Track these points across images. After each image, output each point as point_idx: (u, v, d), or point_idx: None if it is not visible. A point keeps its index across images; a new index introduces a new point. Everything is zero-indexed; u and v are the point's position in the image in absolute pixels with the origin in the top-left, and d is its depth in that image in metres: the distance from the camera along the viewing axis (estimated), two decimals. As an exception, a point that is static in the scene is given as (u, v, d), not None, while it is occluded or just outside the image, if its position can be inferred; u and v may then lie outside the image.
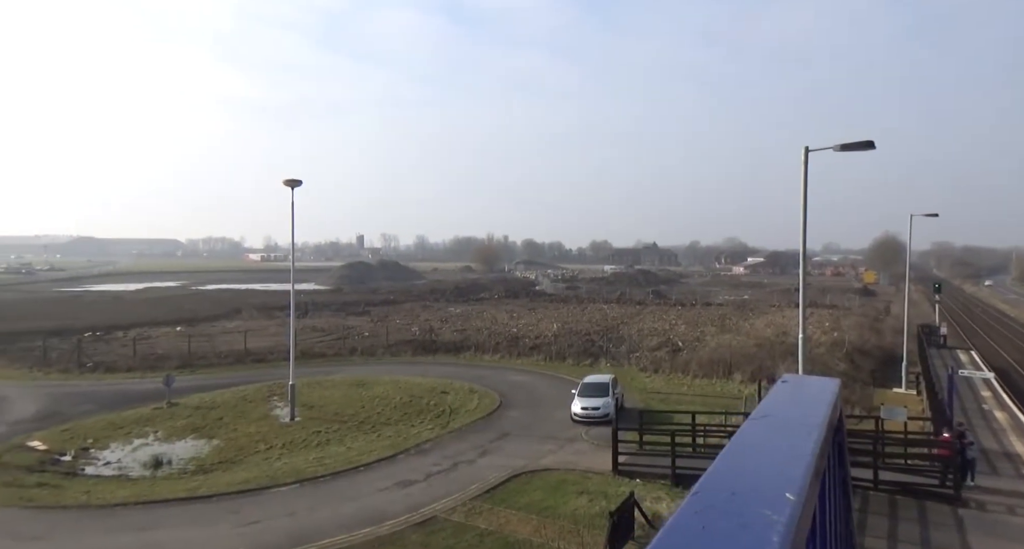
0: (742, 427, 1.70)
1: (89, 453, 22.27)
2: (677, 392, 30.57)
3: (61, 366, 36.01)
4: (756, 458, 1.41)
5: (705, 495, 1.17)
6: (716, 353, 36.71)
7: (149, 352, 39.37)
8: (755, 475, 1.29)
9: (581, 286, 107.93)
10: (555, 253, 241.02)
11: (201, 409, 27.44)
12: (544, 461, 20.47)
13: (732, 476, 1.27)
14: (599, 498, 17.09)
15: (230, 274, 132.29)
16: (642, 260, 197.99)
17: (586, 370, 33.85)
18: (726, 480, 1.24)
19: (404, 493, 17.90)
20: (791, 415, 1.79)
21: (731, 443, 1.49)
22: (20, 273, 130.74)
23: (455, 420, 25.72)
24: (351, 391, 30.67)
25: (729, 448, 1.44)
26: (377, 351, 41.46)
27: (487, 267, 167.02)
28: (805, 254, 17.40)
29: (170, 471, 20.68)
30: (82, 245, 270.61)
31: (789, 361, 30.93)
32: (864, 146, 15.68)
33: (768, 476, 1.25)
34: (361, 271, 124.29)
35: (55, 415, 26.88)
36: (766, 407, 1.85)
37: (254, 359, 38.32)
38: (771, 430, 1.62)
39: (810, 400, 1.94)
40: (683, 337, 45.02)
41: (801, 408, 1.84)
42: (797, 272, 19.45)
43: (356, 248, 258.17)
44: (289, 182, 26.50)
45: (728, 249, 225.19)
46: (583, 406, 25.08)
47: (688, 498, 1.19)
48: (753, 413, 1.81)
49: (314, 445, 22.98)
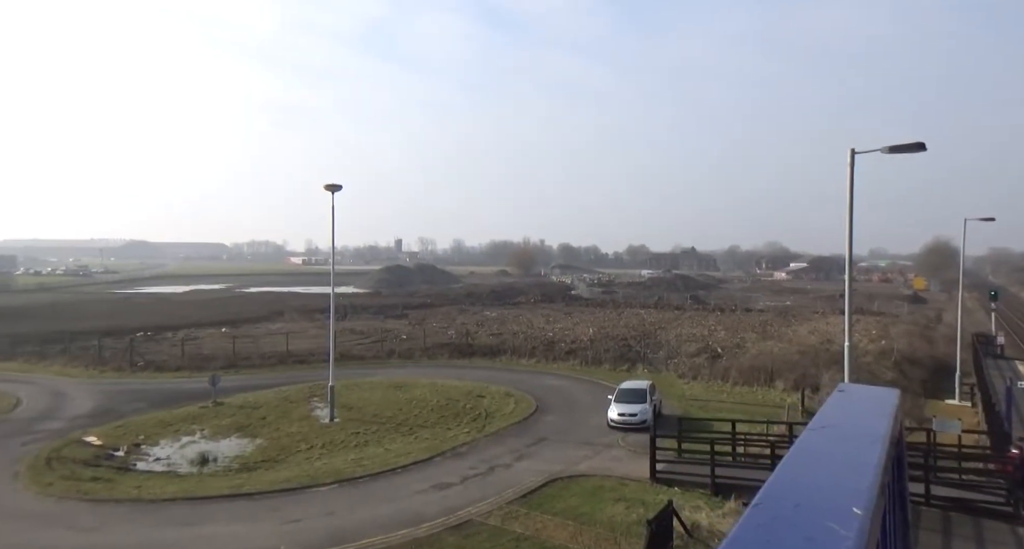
0: (801, 437, 1.66)
1: (140, 449, 23.10)
2: (716, 399, 29.98)
3: (115, 365, 37.49)
4: (818, 469, 1.37)
5: (767, 507, 1.15)
6: (757, 360, 35.89)
7: (196, 352, 40.64)
8: (819, 487, 1.25)
9: (618, 291, 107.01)
10: (591, 257, 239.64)
11: (245, 408, 28.18)
12: (580, 467, 20.33)
13: (794, 488, 1.24)
14: (636, 505, 16.88)
15: (272, 277, 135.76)
16: (680, 265, 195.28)
17: (623, 376, 33.50)
18: (788, 492, 1.21)
19: (441, 496, 18.01)
20: (852, 426, 1.74)
21: (791, 453, 1.46)
22: (78, 275, 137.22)
23: (491, 424, 25.77)
24: (389, 393, 31.05)
25: (789, 459, 1.41)
26: (414, 354, 41.88)
27: (523, 271, 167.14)
28: (851, 259, 16.90)
29: (216, 468, 21.29)
30: (134, 248, 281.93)
31: (834, 369, 30.01)
32: (914, 148, 15.16)
33: (833, 489, 1.22)
34: (399, 275, 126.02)
35: (109, 412, 28.00)
36: (825, 417, 1.80)
37: (295, 360, 39.17)
38: (832, 441, 1.57)
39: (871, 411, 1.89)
40: (722, 343, 44.16)
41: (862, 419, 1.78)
42: (842, 278, 18.89)
43: (394, 252, 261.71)
44: (330, 187, 27.06)
45: (769, 254, 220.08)
46: (620, 412, 24.82)
47: (749, 510, 1.17)
48: (811, 423, 1.77)
49: (353, 446, 23.33)
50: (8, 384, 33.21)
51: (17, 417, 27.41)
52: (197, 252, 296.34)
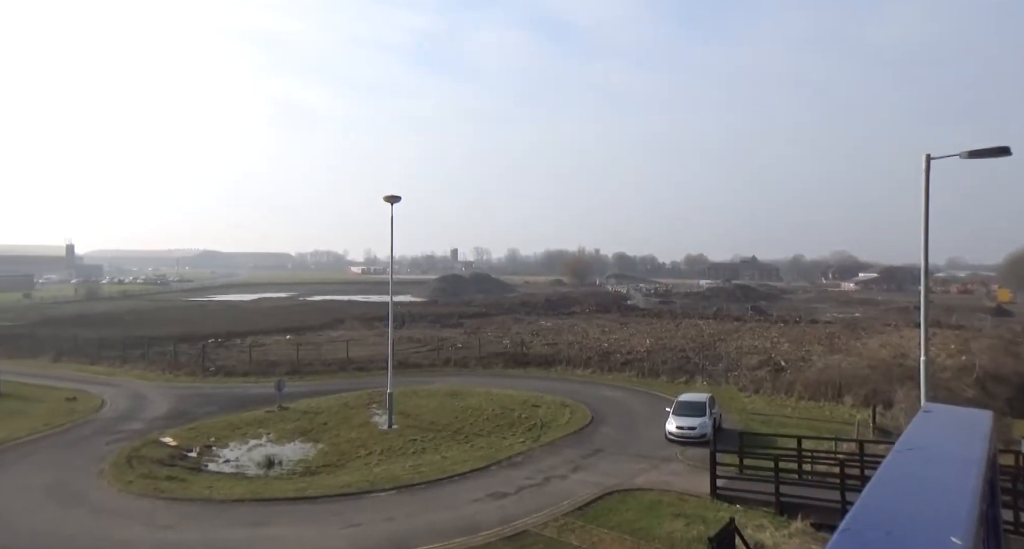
0: (888, 459, 1.60)
1: (211, 451, 24.21)
2: (780, 414, 28.90)
3: (188, 369, 39.51)
4: (910, 494, 1.32)
5: (858, 534, 1.12)
6: (824, 374, 34.39)
7: (263, 358, 42.31)
8: (912, 514, 1.21)
9: (675, 301, 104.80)
10: (647, 267, 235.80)
11: (308, 414, 29.11)
12: (638, 480, 19.98)
13: (886, 513, 1.21)
14: (696, 522, 16.44)
15: (333, 286, 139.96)
16: (740, 275, 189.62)
17: (681, 388, 32.78)
18: (879, 518, 1.18)
19: (497, 505, 18.05)
20: (943, 448, 1.66)
21: (878, 476, 1.42)
22: (156, 284, 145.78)
23: (546, 434, 25.68)
24: (445, 401, 31.42)
25: (877, 482, 1.37)
26: (470, 363, 42.27)
27: (578, 280, 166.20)
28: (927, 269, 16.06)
29: (280, 471, 22.07)
30: (207, 259, 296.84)
31: (908, 385, 28.38)
32: (997, 152, 14.31)
33: (928, 516, 1.18)
34: (454, 284, 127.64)
35: (183, 414, 29.49)
36: (913, 438, 1.73)
37: (355, 367, 40.21)
38: (923, 464, 1.51)
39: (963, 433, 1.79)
40: (786, 356, 42.57)
41: (953, 441, 1.70)
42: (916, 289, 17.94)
43: (450, 261, 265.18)
44: (389, 198, 27.76)
45: (836, 263, 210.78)
46: (678, 425, 24.28)
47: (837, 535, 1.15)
48: (898, 444, 1.70)
49: (410, 453, 23.72)
50: (95, 386, 35.54)
51: (103, 417, 29.25)
52: (264, 262, 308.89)
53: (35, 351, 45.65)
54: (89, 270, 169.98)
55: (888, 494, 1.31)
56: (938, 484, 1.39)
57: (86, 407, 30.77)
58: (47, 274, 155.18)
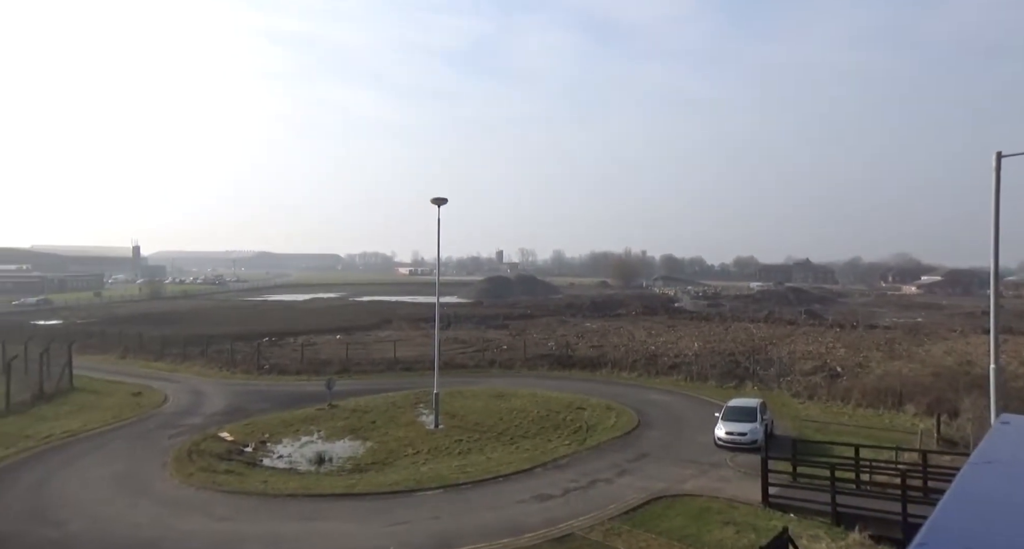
0: (963, 472, 1.54)
1: (266, 446, 25.03)
2: (836, 422, 27.86)
3: (244, 367, 40.95)
4: (989, 510, 1.26)
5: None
6: (883, 381, 33.00)
7: (314, 357, 43.49)
8: (992, 531, 1.16)
9: (724, 303, 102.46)
10: (696, 269, 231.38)
11: (357, 412, 29.75)
12: (686, 486, 19.62)
13: (964, 530, 1.16)
14: (747, 530, 16.03)
15: (382, 286, 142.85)
16: (793, 277, 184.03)
17: (730, 393, 31.99)
18: (957, 535, 1.13)
19: (542, 507, 18.04)
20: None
21: (953, 490, 1.36)
22: (214, 284, 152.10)
23: (592, 437, 25.50)
24: (491, 402, 31.58)
25: (952, 496, 1.31)
26: (515, 364, 42.37)
27: (624, 282, 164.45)
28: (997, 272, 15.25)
29: (331, 468, 22.62)
30: (262, 260, 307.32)
31: (976, 394, 26.91)
32: (1078, 146, 13.45)
33: (1010, 534, 1.13)
34: (500, 285, 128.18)
35: (240, 410, 30.60)
36: (989, 451, 1.65)
37: (403, 367, 40.87)
38: (1002, 478, 1.44)
39: (1044, 448, 1.70)
40: (842, 362, 41.02)
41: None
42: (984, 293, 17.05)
43: (496, 263, 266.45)
44: (436, 200, 28.12)
45: (896, 266, 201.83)
46: (728, 431, 23.73)
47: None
48: (973, 457, 1.63)
49: (456, 453, 23.94)
50: (159, 382, 37.29)
51: (165, 411, 30.64)
52: (315, 263, 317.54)
53: (104, 347, 48.22)
54: (153, 270, 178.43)
55: (964, 509, 1.25)
56: (1018, 501, 1.32)
57: (151, 402, 32.29)
58: (116, 274, 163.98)
